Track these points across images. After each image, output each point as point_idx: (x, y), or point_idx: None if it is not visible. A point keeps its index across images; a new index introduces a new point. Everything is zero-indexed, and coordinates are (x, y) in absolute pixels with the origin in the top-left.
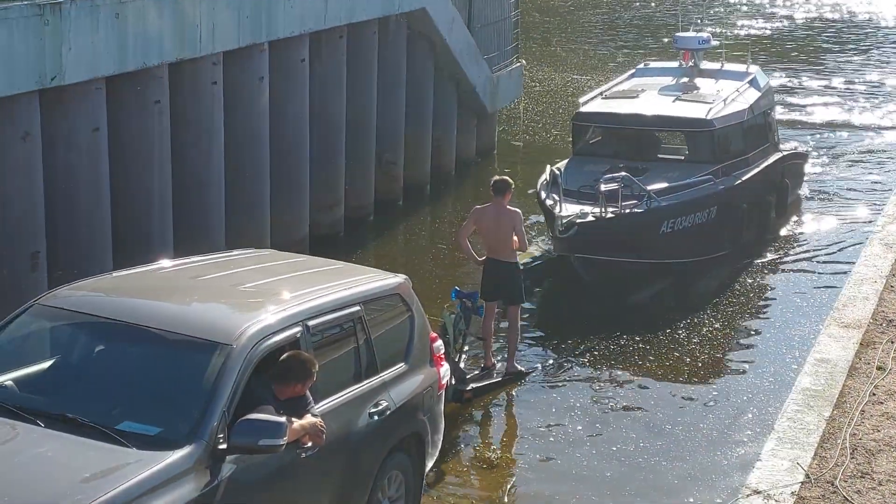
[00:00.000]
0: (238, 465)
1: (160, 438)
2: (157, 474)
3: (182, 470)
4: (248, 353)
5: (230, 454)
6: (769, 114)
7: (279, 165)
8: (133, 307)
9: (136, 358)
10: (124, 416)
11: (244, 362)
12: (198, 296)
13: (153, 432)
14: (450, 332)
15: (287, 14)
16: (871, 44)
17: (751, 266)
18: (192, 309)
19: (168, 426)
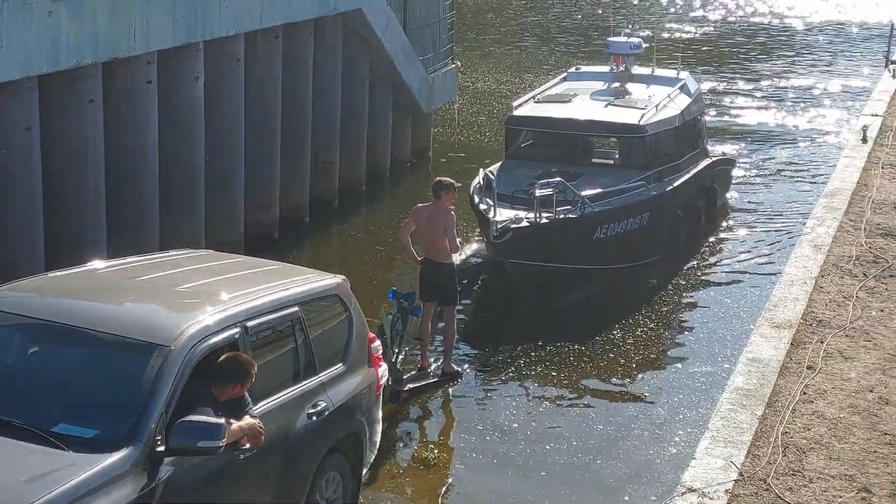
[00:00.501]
0: (176, 467)
1: (97, 441)
2: (94, 477)
3: (119, 472)
4: (186, 355)
5: (168, 456)
6: (699, 119)
7: (214, 165)
8: (69, 308)
9: (72, 360)
10: (61, 418)
11: (182, 364)
12: (135, 297)
13: (90, 435)
14: (387, 333)
15: (222, 14)
16: (798, 48)
17: (683, 269)
18: (130, 310)
19: (105, 428)
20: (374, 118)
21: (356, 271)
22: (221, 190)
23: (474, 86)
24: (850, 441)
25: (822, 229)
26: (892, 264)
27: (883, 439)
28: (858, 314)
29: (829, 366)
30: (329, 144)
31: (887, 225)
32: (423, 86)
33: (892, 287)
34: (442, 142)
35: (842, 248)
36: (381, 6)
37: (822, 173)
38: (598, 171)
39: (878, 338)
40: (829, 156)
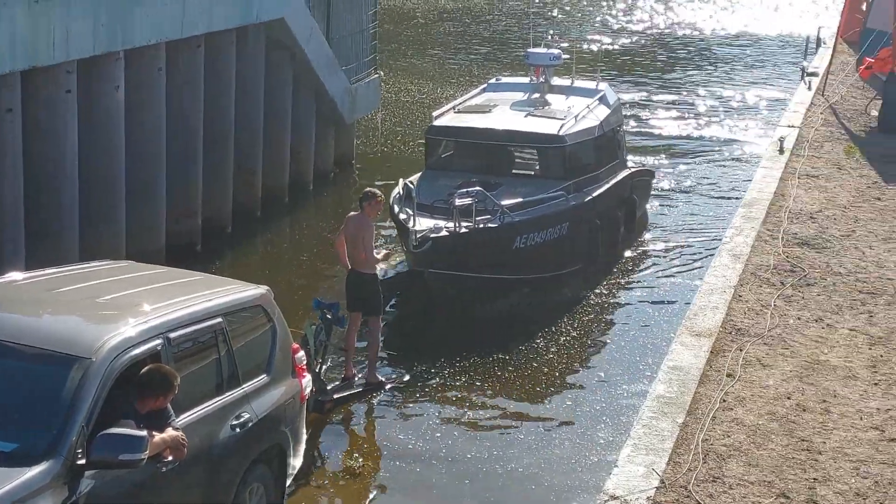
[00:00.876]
0: (97, 480)
1: (16, 454)
2: (14, 491)
3: (39, 486)
4: (107, 367)
5: (89, 469)
6: (618, 130)
7: (135, 174)
8: None
9: None
10: None
11: (104, 376)
12: (55, 308)
13: (9, 448)
14: (311, 343)
15: (143, 23)
16: (716, 60)
17: (603, 279)
18: (50, 322)
19: (25, 442)
20: (296, 128)
21: (280, 281)
22: (142, 199)
23: (397, 96)
24: (768, 448)
25: (740, 239)
26: (808, 273)
27: (800, 445)
28: (776, 322)
29: (748, 373)
30: (252, 154)
31: (804, 234)
32: (346, 95)
33: (809, 296)
34: (365, 152)
35: (760, 258)
36: (303, 15)
37: (741, 184)
38: (518, 181)
39: (796, 345)
40: (747, 166)
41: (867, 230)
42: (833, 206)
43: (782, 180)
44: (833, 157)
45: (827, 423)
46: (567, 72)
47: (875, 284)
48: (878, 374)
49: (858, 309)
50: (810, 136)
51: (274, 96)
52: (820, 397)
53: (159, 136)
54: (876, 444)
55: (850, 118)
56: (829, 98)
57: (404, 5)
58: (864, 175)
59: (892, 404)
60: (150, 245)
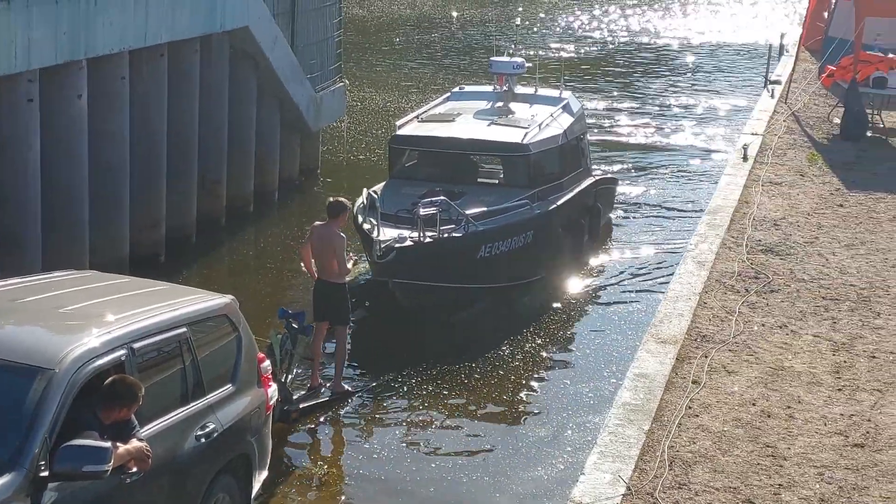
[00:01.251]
0: (61, 492)
1: None
2: None
3: (2, 498)
4: (70, 378)
5: (53, 481)
6: (582, 138)
7: (98, 184)
8: None
9: None
10: None
11: (67, 387)
12: (17, 319)
13: None
14: (277, 353)
15: (106, 31)
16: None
17: (568, 287)
18: (12, 332)
19: None
20: (261, 136)
21: (245, 291)
22: (106, 209)
23: (362, 104)
24: (734, 454)
25: (705, 246)
26: (772, 280)
27: (765, 451)
28: (741, 329)
29: (714, 380)
30: (216, 163)
31: (768, 241)
32: (311, 104)
33: (773, 302)
34: (331, 160)
35: (724, 265)
36: (268, 24)
37: (705, 191)
38: (482, 190)
39: (760, 352)
40: (711, 174)
41: (830, 237)
42: (796, 212)
43: (746, 187)
44: (796, 165)
45: (791, 428)
46: (531, 80)
47: (838, 290)
48: (841, 379)
49: (822, 315)
50: (773, 143)
51: (238, 105)
52: (784, 403)
53: (122, 145)
54: (840, 449)
55: (813, 126)
56: (792, 106)
57: (368, 14)
58: (827, 182)
59: (855, 410)
60: (114, 255)
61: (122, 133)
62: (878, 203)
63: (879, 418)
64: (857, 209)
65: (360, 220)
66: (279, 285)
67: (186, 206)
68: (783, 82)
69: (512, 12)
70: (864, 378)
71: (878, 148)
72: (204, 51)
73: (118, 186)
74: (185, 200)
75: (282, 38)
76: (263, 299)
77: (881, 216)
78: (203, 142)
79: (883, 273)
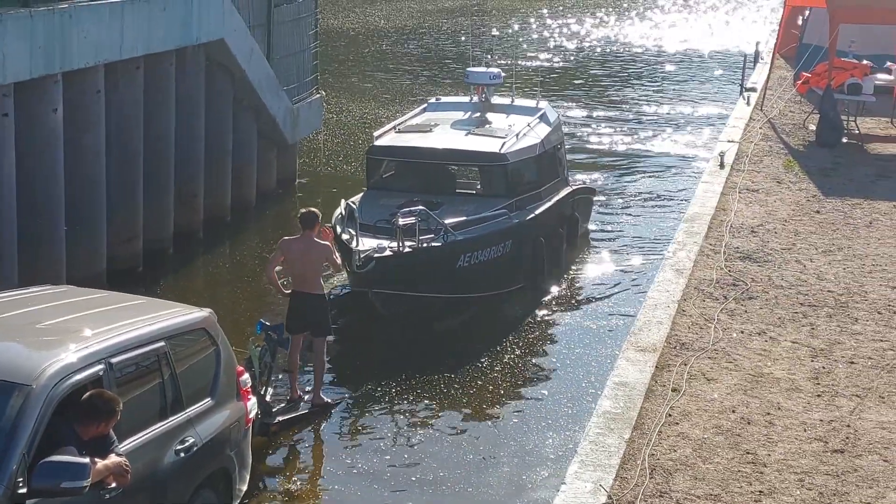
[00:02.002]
0: None
1: None
2: None
3: None
4: (48, 394)
5: (31, 498)
6: (559, 148)
7: (74, 198)
8: None
9: None
10: None
11: (45, 403)
12: None
13: None
14: (256, 366)
15: (81, 44)
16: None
17: (547, 297)
18: None
19: None
20: (238, 149)
21: (223, 304)
22: (82, 223)
23: (339, 116)
24: (714, 461)
25: (683, 254)
26: (750, 287)
27: (746, 458)
28: (720, 336)
29: (693, 387)
30: (193, 175)
31: (745, 248)
32: (288, 116)
33: (752, 309)
34: (308, 172)
35: (703, 272)
36: (243, 36)
37: (682, 199)
38: (460, 199)
39: (739, 359)
40: (688, 182)
41: (807, 243)
42: (773, 219)
43: (723, 195)
44: (772, 172)
45: (771, 435)
46: (507, 91)
47: (816, 297)
48: (820, 385)
49: (800, 321)
50: (750, 150)
51: (215, 117)
52: (764, 410)
53: (99, 158)
54: (820, 455)
55: (789, 132)
56: (768, 113)
57: (344, 26)
58: (804, 189)
59: (834, 416)
60: (91, 269)
61: (98, 146)
62: (855, 209)
63: (859, 424)
64: (834, 215)
65: (338, 231)
66: (257, 298)
67: (164, 219)
68: (759, 90)
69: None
70: (842, 384)
71: (853, 154)
72: (180, 63)
73: (95, 200)
74: (162, 213)
75: (258, 50)
76: (242, 312)
77: (858, 222)
78: (180, 155)
79: (860, 279)
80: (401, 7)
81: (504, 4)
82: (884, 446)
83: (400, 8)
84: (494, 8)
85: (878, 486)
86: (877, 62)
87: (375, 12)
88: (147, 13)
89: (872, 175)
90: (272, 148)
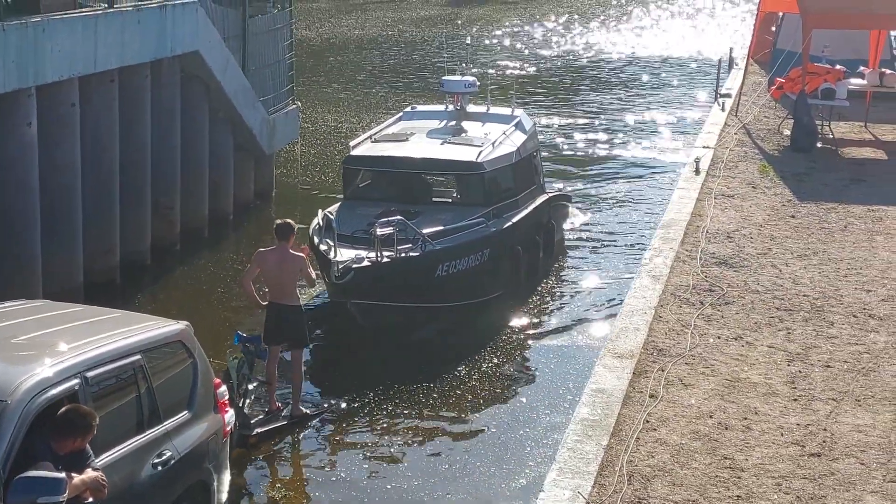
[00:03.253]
0: None
1: None
2: None
3: None
4: (23, 409)
5: None
6: (535, 156)
7: (50, 212)
8: None
9: None
10: None
11: (20, 418)
12: None
13: None
14: (233, 377)
15: (55, 58)
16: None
17: (524, 305)
18: None
19: None
20: (215, 160)
21: (200, 316)
22: (58, 236)
23: (314, 126)
24: (692, 467)
25: (659, 260)
26: (727, 292)
27: (723, 463)
28: (696, 342)
29: (671, 393)
30: (170, 187)
31: (721, 254)
32: (265, 127)
33: (728, 314)
34: (286, 183)
35: (679, 278)
36: (218, 48)
37: (658, 205)
38: (437, 209)
39: (716, 364)
40: (663, 188)
41: (783, 248)
42: (749, 224)
43: (699, 200)
44: (748, 177)
45: (749, 440)
46: (483, 99)
47: (792, 301)
48: (797, 389)
49: (776, 326)
50: (725, 156)
51: (191, 129)
52: (741, 415)
53: (74, 171)
54: (797, 459)
55: (764, 138)
56: (743, 118)
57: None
58: (779, 193)
59: (811, 419)
60: (68, 283)
61: (74, 159)
62: (830, 213)
63: (835, 427)
64: (809, 220)
65: (316, 242)
66: (234, 310)
67: (141, 231)
68: (733, 95)
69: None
70: (819, 387)
71: (828, 158)
72: (155, 76)
73: (71, 214)
74: (139, 226)
75: (233, 61)
76: (219, 324)
77: (832, 226)
78: (156, 167)
79: (835, 283)
80: (375, 17)
81: (478, 14)
82: (860, 449)
83: (375, 17)
84: (469, 17)
85: (855, 489)
86: (850, 67)
87: (350, 22)
88: (121, 26)
89: (846, 179)
90: (249, 159)
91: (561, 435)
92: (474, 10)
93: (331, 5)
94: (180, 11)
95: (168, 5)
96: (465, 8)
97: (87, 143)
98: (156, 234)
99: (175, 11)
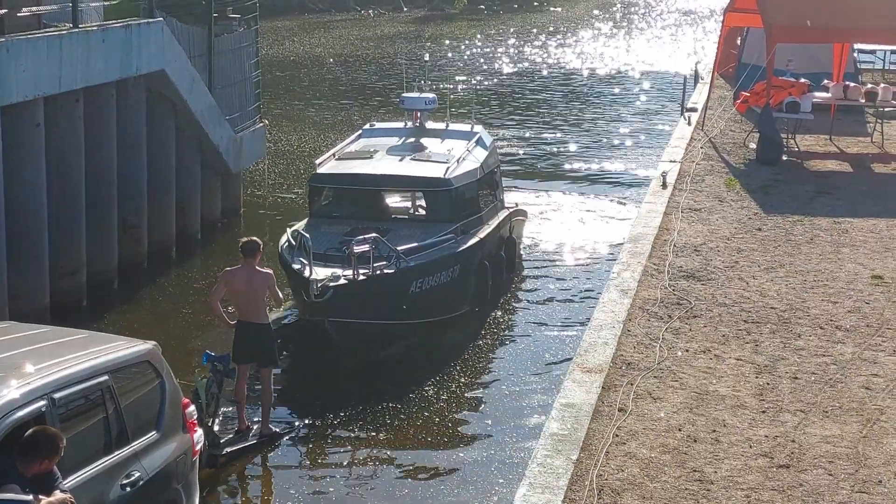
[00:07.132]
0: None
1: None
2: None
3: None
4: None
5: None
6: (496, 171)
7: (14, 233)
8: None
9: None
10: None
11: None
12: None
13: None
14: (202, 397)
15: (20, 78)
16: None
17: (492, 321)
18: None
19: None
20: (181, 179)
21: (168, 335)
22: (24, 258)
23: (278, 145)
24: (661, 480)
25: (627, 274)
26: (694, 305)
27: (693, 476)
28: (665, 355)
29: (640, 407)
30: (136, 207)
31: (689, 267)
32: (231, 145)
33: (696, 327)
34: (253, 202)
35: (647, 292)
36: (184, 66)
37: (626, 219)
38: (405, 225)
39: (685, 377)
40: (631, 202)
41: (750, 260)
42: (716, 238)
43: (666, 214)
44: (714, 190)
45: (718, 452)
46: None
47: (759, 313)
48: (765, 401)
49: (744, 338)
50: (692, 170)
51: (157, 148)
52: (710, 427)
53: (39, 192)
54: (766, 471)
55: (730, 151)
56: (709, 132)
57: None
58: (745, 207)
59: (780, 431)
60: (34, 304)
61: (39, 180)
62: (796, 226)
63: (803, 439)
64: (775, 232)
65: (287, 260)
66: (202, 328)
67: (108, 251)
68: (699, 109)
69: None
70: (787, 399)
71: (793, 171)
72: (120, 95)
73: (36, 234)
74: (105, 246)
75: (199, 79)
76: (187, 343)
77: (799, 239)
78: (122, 186)
79: (802, 295)
80: (339, 35)
81: (441, 31)
82: (828, 460)
83: (338, 35)
84: (431, 34)
85: (824, 500)
86: (814, 80)
87: (313, 40)
88: (86, 45)
89: (812, 192)
90: (216, 177)
91: (530, 450)
92: (439, 28)
93: (295, 24)
94: (145, 30)
95: (133, 24)
96: (429, 25)
97: (52, 164)
98: (122, 254)
99: (140, 31)
